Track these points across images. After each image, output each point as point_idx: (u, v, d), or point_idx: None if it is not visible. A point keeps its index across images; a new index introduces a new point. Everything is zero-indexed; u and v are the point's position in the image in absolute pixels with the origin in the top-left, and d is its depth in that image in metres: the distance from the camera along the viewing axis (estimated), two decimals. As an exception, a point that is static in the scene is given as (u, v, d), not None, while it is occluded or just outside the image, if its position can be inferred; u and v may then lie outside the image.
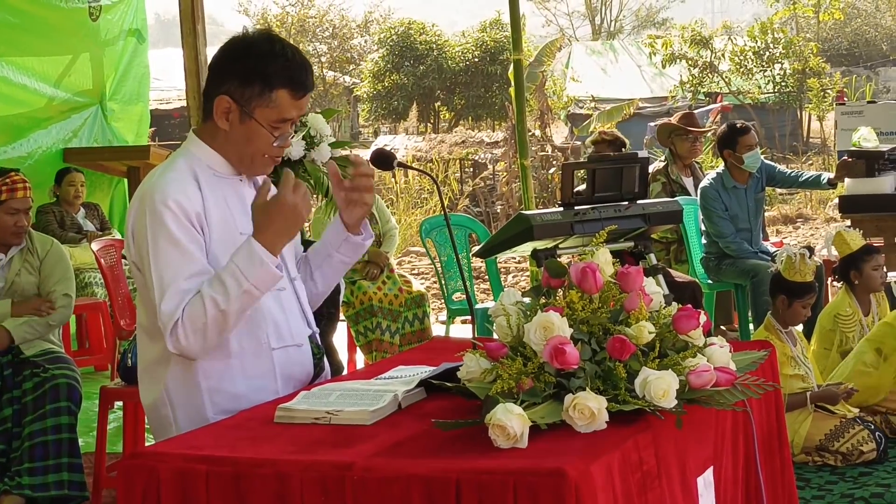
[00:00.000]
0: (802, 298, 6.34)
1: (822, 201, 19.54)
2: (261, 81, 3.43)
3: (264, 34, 3.57)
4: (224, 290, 3.30)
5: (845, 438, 6.13)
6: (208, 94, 3.51)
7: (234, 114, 3.46)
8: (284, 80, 3.43)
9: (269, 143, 3.49)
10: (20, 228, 6.02)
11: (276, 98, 3.44)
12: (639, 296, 3.01)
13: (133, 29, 11.53)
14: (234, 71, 3.46)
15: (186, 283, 3.34)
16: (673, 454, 2.92)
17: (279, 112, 3.45)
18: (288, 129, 3.51)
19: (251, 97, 3.43)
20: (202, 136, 3.56)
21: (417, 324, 8.55)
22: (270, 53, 3.45)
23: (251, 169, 3.59)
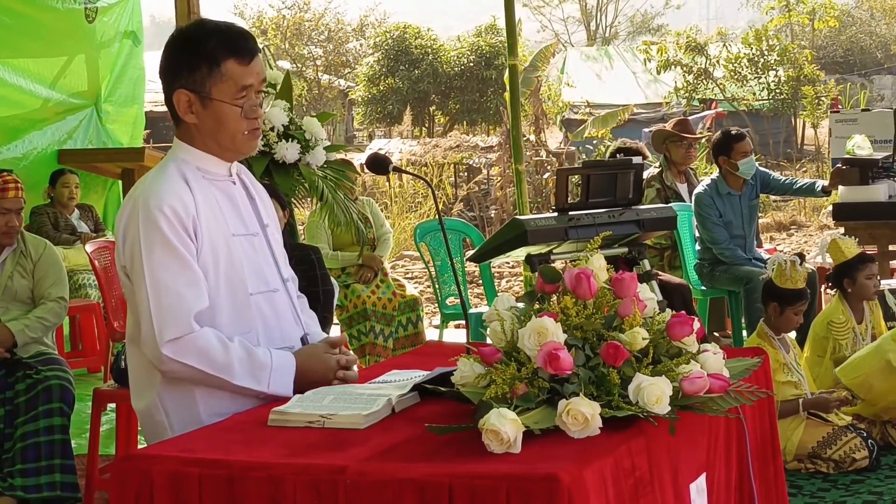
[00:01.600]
0: (794, 305, 6.35)
1: (816, 209, 19.56)
2: (206, 61, 3.44)
3: (194, 22, 3.65)
4: (248, 371, 3.39)
5: (838, 446, 6.14)
6: (168, 99, 3.53)
7: (196, 103, 3.47)
8: (225, 50, 3.45)
9: (239, 117, 3.49)
10: (12, 229, 6.00)
11: (226, 70, 3.44)
12: (633, 302, 3.01)
13: (129, 31, 11.52)
14: (179, 63, 3.48)
15: (187, 291, 3.36)
16: (666, 460, 2.92)
17: (234, 82, 3.46)
18: (252, 97, 3.50)
19: (203, 80, 3.45)
20: (183, 139, 3.57)
21: (411, 328, 8.55)
22: (205, 33, 3.48)
23: (235, 150, 3.59)
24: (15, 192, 6.00)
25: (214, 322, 3.42)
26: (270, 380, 3.41)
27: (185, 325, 3.34)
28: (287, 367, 3.46)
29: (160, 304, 3.34)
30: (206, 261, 3.43)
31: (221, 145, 3.55)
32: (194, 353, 3.34)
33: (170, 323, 3.33)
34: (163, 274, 3.34)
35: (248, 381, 3.38)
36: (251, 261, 3.57)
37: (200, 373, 3.36)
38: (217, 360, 3.35)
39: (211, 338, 3.36)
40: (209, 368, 3.35)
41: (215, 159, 3.57)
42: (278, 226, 3.86)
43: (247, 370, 3.38)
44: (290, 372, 3.46)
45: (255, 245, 3.61)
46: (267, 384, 3.41)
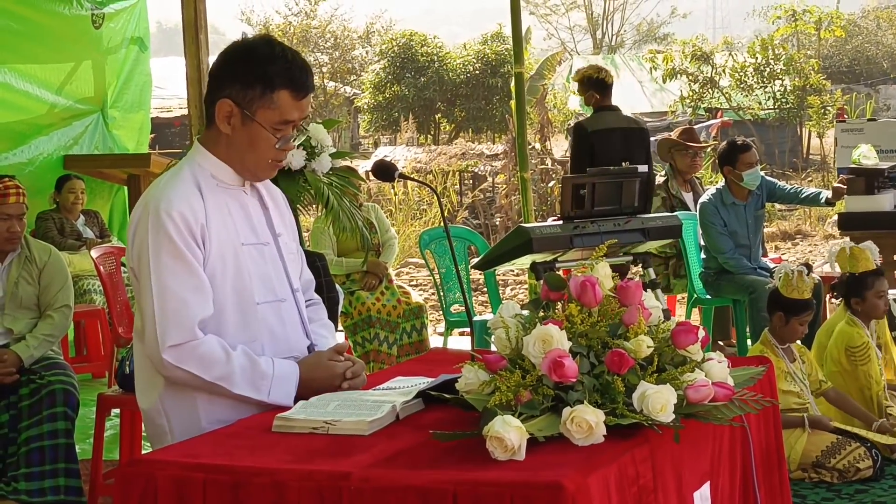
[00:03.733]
0: (800, 315, 6.34)
1: (822, 218, 19.55)
2: (262, 83, 3.45)
3: (264, 38, 3.60)
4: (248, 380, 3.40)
5: (842, 455, 6.13)
6: (210, 100, 3.54)
7: (236, 117, 3.48)
8: (285, 80, 3.45)
9: (272, 146, 3.50)
10: (13, 235, 5.99)
11: (278, 99, 3.45)
12: (638, 310, 3.01)
13: (135, 37, 11.55)
14: (235, 74, 3.49)
15: (192, 297, 3.37)
16: (670, 468, 2.92)
17: (281, 113, 3.47)
18: (290, 131, 3.53)
19: (253, 99, 3.46)
20: (206, 145, 3.58)
21: (415, 335, 8.55)
22: (271, 56, 3.47)
23: (254, 174, 3.61)
24: (16, 198, 5.98)
25: (220, 330, 3.44)
26: (271, 389, 3.42)
27: (187, 331, 3.36)
28: (289, 377, 3.47)
29: (164, 309, 3.36)
30: (214, 268, 3.44)
31: (244, 165, 3.57)
32: (195, 360, 3.36)
33: (173, 329, 3.35)
34: (169, 279, 3.36)
35: (247, 390, 3.39)
36: (260, 270, 3.58)
37: (200, 380, 3.37)
38: (217, 368, 3.37)
39: (214, 346, 3.37)
40: (208, 376, 3.37)
41: (231, 171, 3.58)
42: (294, 235, 3.87)
43: (248, 379, 3.39)
44: (291, 381, 3.47)
45: (264, 254, 3.62)
46: (267, 393, 3.42)
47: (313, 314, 3.88)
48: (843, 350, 6.67)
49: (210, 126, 3.57)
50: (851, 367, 6.61)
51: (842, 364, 6.64)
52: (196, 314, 3.37)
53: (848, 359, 6.66)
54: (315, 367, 3.55)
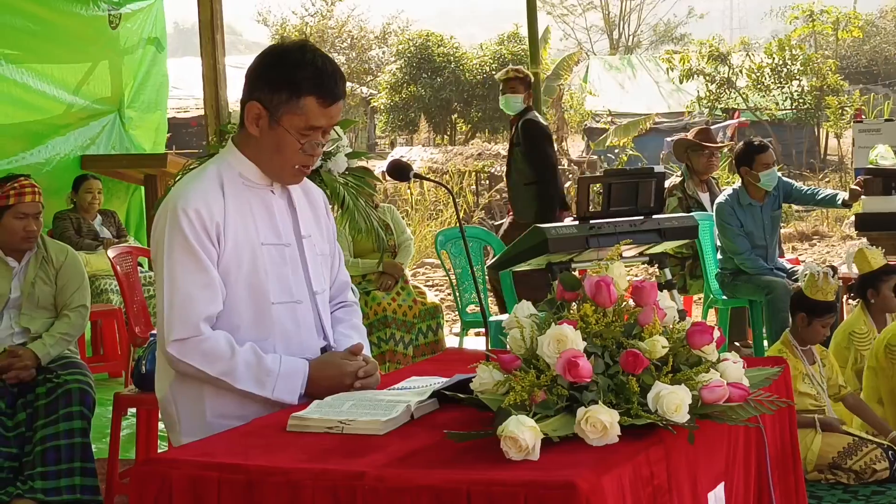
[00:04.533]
0: (823, 317, 6.31)
1: (839, 219, 19.50)
2: (289, 88, 3.46)
3: (299, 43, 3.61)
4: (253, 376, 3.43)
5: (858, 457, 6.11)
6: (242, 101, 3.57)
7: (264, 120, 3.51)
8: (312, 87, 3.46)
9: (297, 151, 3.52)
10: (30, 233, 6.00)
11: (304, 105, 3.46)
12: (653, 310, 3.01)
13: (152, 37, 11.57)
14: (265, 78, 3.51)
15: (200, 293, 3.41)
16: (684, 469, 2.92)
17: (306, 119, 3.48)
18: (317, 137, 3.54)
19: (279, 103, 3.47)
20: (238, 144, 3.63)
21: (431, 335, 8.55)
22: (301, 62, 3.49)
23: (280, 177, 3.64)
24: (32, 197, 5.99)
25: (233, 326, 3.47)
26: (276, 386, 3.45)
27: (192, 327, 3.41)
28: (295, 375, 3.49)
29: (172, 304, 3.42)
30: (228, 266, 3.47)
31: (270, 168, 3.60)
32: (198, 355, 3.42)
33: (178, 323, 3.41)
34: (179, 274, 3.42)
35: (250, 386, 3.43)
36: (277, 271, 3.60)
37: (203, 373, 3.43)
38: (220, 364, 3.42)
39: (220, 342, 3.42)
40: (212, 371, 3.42)
41: (259, 171, 3.60)
42: (329, 236, 3.87)
43: (252, 375, 3.43)
44: (297, 379, 3.49)
45: (285, 255, 3.64)
46: (272, 390, 3.45)
47: (344, 315, 3.90)
48: (848, 334, 6.69)
49: (242, 127, 3.60)
50: (890, 363, 6.58)
51: (879, 361, 6.62)
52: (202, 311, 3.42)
53: (848, 339, 6.67)
54: (326, 365, 3.57)
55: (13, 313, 6.00)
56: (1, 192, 5.97)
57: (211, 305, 3.43)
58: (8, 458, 5.68)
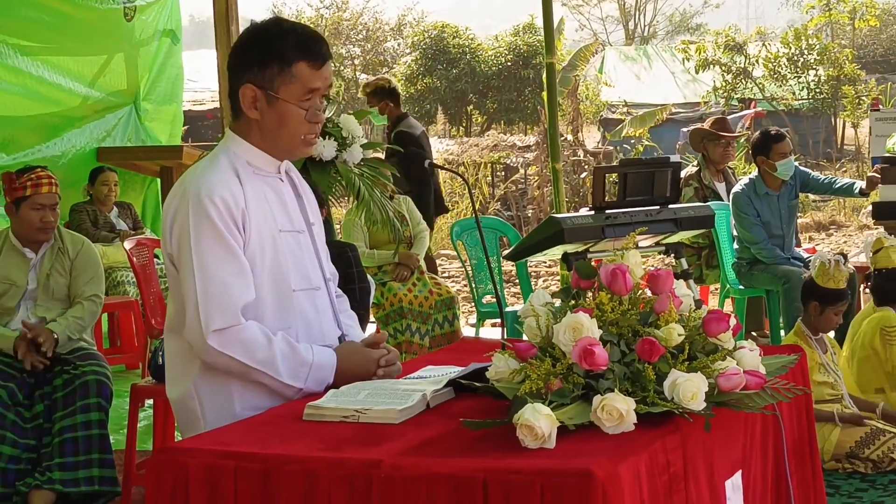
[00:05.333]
0: (835, 305, 6.29)
1: (856, 209, 19.44)
2: (278, 61, 3.46)
3: (271, 19, 3.63)
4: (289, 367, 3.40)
5: (876, 446, 6.10)
6: (233, 91, 3.55)
7: (261, 100, 3.49)
8: (299, 52, 3.47)
9: (302, 120, 3.51)
10: (46, 224, 6.01)
11: (297, 72, 3.47)
12: (668, 298, 3.00)
13: (167, 29, 11.59)
14: (251, 59, 3.50)
15: (235, 281, 3.38)
16: (701, 457, 2.91)
17: (303, 85, 3.48)
18: (316, 101, 3.53)
19: (272, 78, 3.47)
20: (239, 133, 3.59)
21: (447, 326, 8.55)
22: (281, 32, 3.49)
23: (290, 152, 3.62)
24: (49, 188, 6.00)
25: (258, 316, 3.45)
26: (309, 376, 3.43)
27: (231, 316, 3.36)
28: (327, 366, 3.47)
29: (207, 294, 3.36)
30: (254, 254, 3.45)
31: (279, 145, 3.57)
32: (238, 344, 3.36)
33: (216, 313, 3.35)
34: (211, 264, 3.37)
35: (288, 378, 3.40)
36: (296, 258, 3.59)
37: (242, 365, 3.37)
38: (260, 353, 3.37)
39: (255, 331, 3.38)
40: (251, 362, 3.37)
41: (267, 156, 3.59)
42: (322, 225, 3.88)
43: (288, 366, 3.40)
44: (329, 370, 3.47)
45: (300, 242, 3.63)
46: (304, 380, 3.42)
47: (340, 305, 3.88)
48: (878, 331, 6.62)
49: (238, 116, 3.58)
50: (885, 348, 6.56)
51: (874, 347, 6.60)
52: (239, 298, 3.38)
53: (882, 339, 6.62)
54: (351, 354, 3.55)
55: (30, 304, 6.02)
56: (18, 184, 5.98)
57: (246, 293, 3.40)
58: (26, 450, 5.70)
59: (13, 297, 6.00)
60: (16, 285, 6.01)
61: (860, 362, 6.65)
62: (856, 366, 6.67)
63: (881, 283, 6.78)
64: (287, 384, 3.41)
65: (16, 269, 6.03)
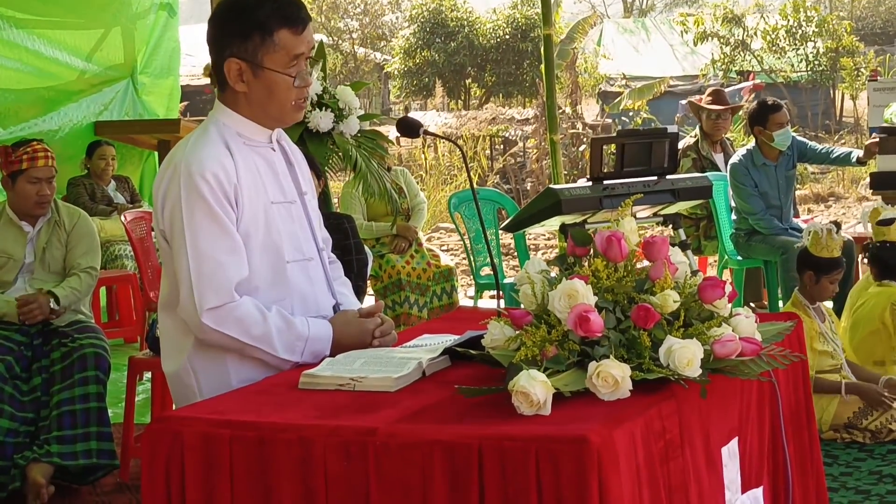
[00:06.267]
0: (830, 274, 6.30)
1: (855, 180, 19.42)
2: (258, 30, 3.43)
3: None
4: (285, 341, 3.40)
5: (874, 416, 6.11)
6: (217, 66, 3.53)
7: (247, 72, 3.47)
8: (279, 20, 3.44)
9: (290, 87, 3.48)
10: (43, 198, 6.00)
11: (279, 39, 3.44)
12: (664, 265, 3.00)
13: (164, 3, 11.55)
14: (231, 32, 3.48)
15: (228, 259, 3.36)
16: (697, 424, 2.91)
17: (287, 52, 3.45)
18: (302, 65, 3.51)
19: (256, 49, 3.44)
20: (227, 104, 3.56)
21: (445, 298, 8.55)
22: (256, 2, 3.46)
23: (281, 120, 3.60)
24: (45, 161, 5.98)
25: (252, 289, 3.43)
26: (305, 349, 3.42)
27: (225, 293, 3.35)
28: (323, 338, 3.47)
29: (201, 272, 3.34)
30: (247, 228, 3.43)
31: (269, 114, 3.55)
32: (234, 322, 3.35)
33: (210, 291, 3.34)
34: (204, 241, 3.35)
35: (285, 353, 3.39)
36: (288, 229, 3.57)
37: (238, 342, 3.37)
38: (255, 329, 3.36)
39: (250, 307, 3.37)
40: (247, 338, 3.36)
41: (257, 126, 3.57)
42: (315, 193, 3.87)
43: (284, 340, 3.39)
44: (325, 342, 3.47)
45: (292, 213, 3.61)
46: (301, 353, 3.42)
47: (332, 272, 3.87)
48: (889, 306, 6.59)
49: (224, 90, 3.55)
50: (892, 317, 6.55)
51: (884, 322, 6.58)
52: (233, 276, 3.36)
53: (893, 314, 6.59)
54: (346, 325, 3.54)
55: (27, 277, 6.02)
56: (14, 157, 5.97)
57: (240, 270, 3.38)
58: (24, 423, 5.70)
59: (11, 270, 6.00)
60: (13, 259, 6.00)
61: (868, 334, 6.63)
62: (859, 337, 6.66)
63: (885, 256, 6.74)
64: (284, 359, 3.40)
65: (13, 242, 6.03)
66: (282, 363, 3.41)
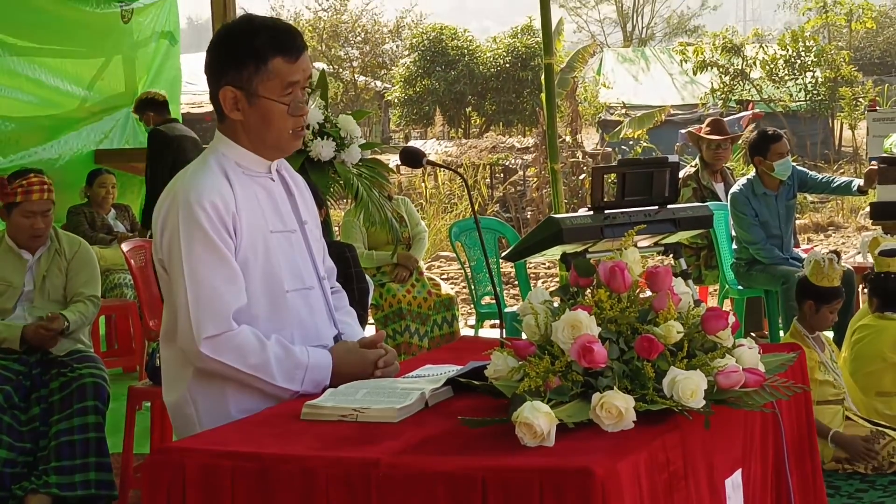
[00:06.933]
0: (830, 303, 6.28)
1: (854, 210, 19.43)
2: (253, 59, 3.44)
3: (242, 17, 3.63)
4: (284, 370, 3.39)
5: (877, 448, 6.08)
6: (213, 96, 3.53)
7: (242, 101, 3.47)
8: (273, 48, 3.44)
9: (285, 114, 3.48)
10: (36, 232, 5.98)
11: (273, 68, 3.44)
12: (667, 295, 2.99)
13: (165, 31, 11.58)
14: (226, 61, 3.48)
15: (226, 288, 3.36)
16: (700, 455, 2.90)
17: (281, 79, 3.45)
18: (298, 93, 3.50)
19: (250, 77, 3.44)
20: (226, 134, 3.57)
21: (446, 327, 8.54)
22: (252, 31, 3.47)
23: (279, 149, 3.60)
24: (40, 195, 5.95)
25: (251, 318, 3.42)
26: (305, 378, 3.41)
27: (223, 322, 3.34)
28: (323, 367, 3.46)
29: (198, 301, 3.34)
30: (246, 257, 3.43)
31: (266, 143, 3.55)
32: (231, 350, 3.34)
33: (208, 320, 3.33)
34: (202, 270, 3.35)
35: (284, 381, 3.38)
36: (288, 258, 3.57)
37: (237, 371, 3.35)
38: (253, 358, 3.35)
39: (248, 336, 3.36)
40: (246, 367, 3.35)
41: (256, 157, 3.57)
42: (318, 222, 3.86)
43: (283, 369, 3.38)
44: (325, 371, 3.46)
45: (292, 242, 3.61)
46: (300, 382, 3.41)
47: (336, 301, 3.85)
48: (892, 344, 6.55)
49: (222, 120, 3.56)
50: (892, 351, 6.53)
51: (886, 359, 6.55)
52: (231, 304, 3.36)
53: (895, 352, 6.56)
54: (348, 355, 3.53)
55: (26, 305, 6.00)
56: (9, 189, 5.96)
57: (238, 299, 3.38)
58: (22, 453, 5.68)
59: (10, 298, 5.99)
60: (12, 286, 5.99)
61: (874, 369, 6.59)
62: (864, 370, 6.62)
63: (888, 287, 6.70)
64: (283, 387, 3.39)
65: (12, 269, 6.02)
66: (281, 392, 3.40)
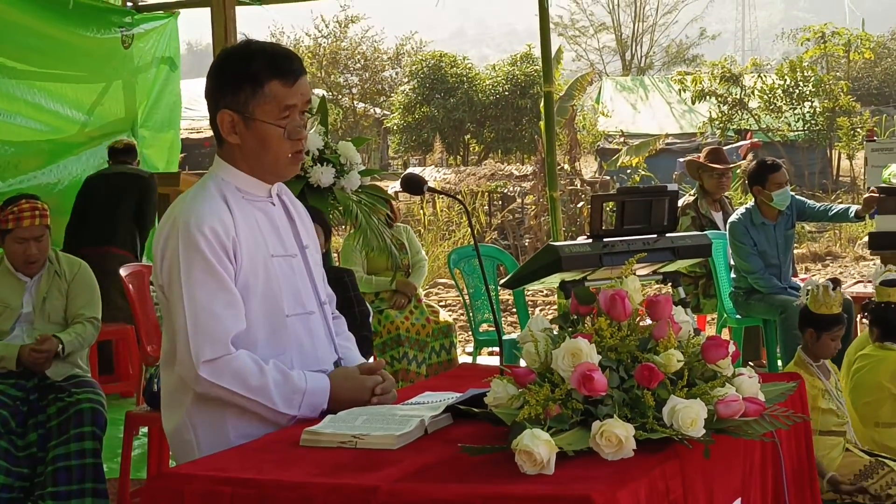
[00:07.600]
0: (830, 331, 6.26)
1: (852, 239, 19.45)
2: (249, 82, 3.45)
3: (240, 42, 3.67)
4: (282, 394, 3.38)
5: (874, 479, 6.07)
6: (212, 120, 3.54)
7: (239, 124, 3.48)
8: (269, 72, 3.45)
9: (282, 138, 3.49)
10: (30, 257, 5.97)
11: (269, 91, 3.45)
12: (667, 324, 2.99)
13: (166, 57, 11.61)
14: (224, 84, 3.50)
15: (225, 312, 3.36)
16: (700, 484, 2.90)
17: (277, 102, 3.46)
18: (295, 116, 3.50)
19: (247, 100, 3.46)
20: (226, 159, 3.58)
21: (444, 354, 8.53)
22: (248, 55, 3.48)
23: (277, 173, 3.60)
24: (30, 220, 5.93)
25: (250, 343, 3.42)
26: (302, 403, 3.41)
27: (221, 346, 3.34)
28: (321, 392, 3.45)
29: (197, 325, 3.34)
30: (246, 281, 3.43)
31: (264, 167, 3.55)
32: (230, 375, 3.34)
33: (206, 344, 3.33)
34: (201, 295, 3.35)
35: (280, 405, 3.37)
36: (289, 282, 3.57)
37: (235, 395, 3.35)
38: (253, 382, 3.35)
39: (247, 360, 3.36)
40: (244, 391, 3.35)
41: (256, 181, 3.57)
42: (318, 247, 3.86)
43: (281, 393, 3.37)
44: (323, 396, 3.45)
45: (293, 266, 3.61)
46: (298, 407, 3.40)
47: (336, 327, 3.86)
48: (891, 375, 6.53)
49: (221, 144, 3.57)
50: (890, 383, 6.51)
51: (884, 389, 6.53)
52: (229, 329, 3.36)
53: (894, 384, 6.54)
54: (346, 380, 3.53)
55: (25, 327, 5.99)
56: (1, 216, 5.96)
57: (236, 324, 3.38)
58: (19, 479, 5.67)
59: (8, 319, 5.98)
60: (10, 307, 5.99)
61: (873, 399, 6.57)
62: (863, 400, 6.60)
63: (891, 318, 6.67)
64: (281, 412, 3.39)
65: (10, 290, 6.01)
66: (279, 416, 3.39)
